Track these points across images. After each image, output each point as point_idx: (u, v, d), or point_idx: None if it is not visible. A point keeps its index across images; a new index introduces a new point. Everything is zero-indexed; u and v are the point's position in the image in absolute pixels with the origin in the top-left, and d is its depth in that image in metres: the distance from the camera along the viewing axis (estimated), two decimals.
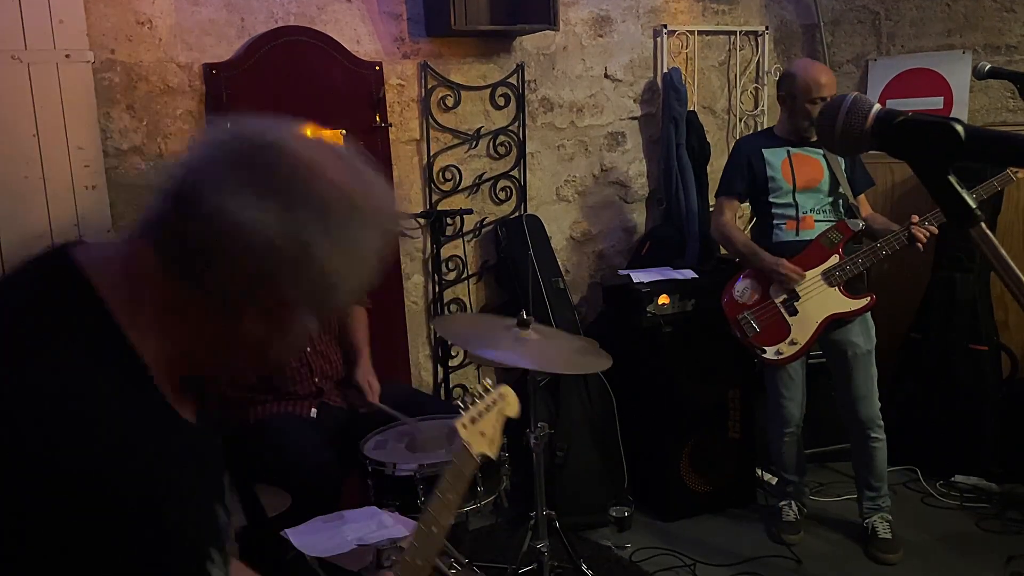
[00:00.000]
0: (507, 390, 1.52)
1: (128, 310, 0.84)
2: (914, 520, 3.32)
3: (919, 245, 2.90)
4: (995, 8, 3.72)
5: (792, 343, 3.06)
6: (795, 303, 3.05)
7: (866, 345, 3.08)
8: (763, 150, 3.14)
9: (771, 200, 3.12)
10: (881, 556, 3.08)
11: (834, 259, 3.03)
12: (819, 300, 3.04)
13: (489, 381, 1.54)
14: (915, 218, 2.89)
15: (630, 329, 3.44)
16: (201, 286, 0.85)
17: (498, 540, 3.14)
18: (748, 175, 3.16)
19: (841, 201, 3.11)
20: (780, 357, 3.09)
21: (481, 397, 1.48)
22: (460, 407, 1.44)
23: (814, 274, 3.03)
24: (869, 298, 3.04)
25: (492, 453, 1.44)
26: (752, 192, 3.18)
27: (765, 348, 3.10)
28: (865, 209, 3.18)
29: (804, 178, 3.08)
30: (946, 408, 3.58)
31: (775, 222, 3.12)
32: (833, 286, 3.03)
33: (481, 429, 1.42)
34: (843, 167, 3.10)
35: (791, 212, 3.09)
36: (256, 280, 0.85)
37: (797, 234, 3.08)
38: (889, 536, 3.12)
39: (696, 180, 3.94)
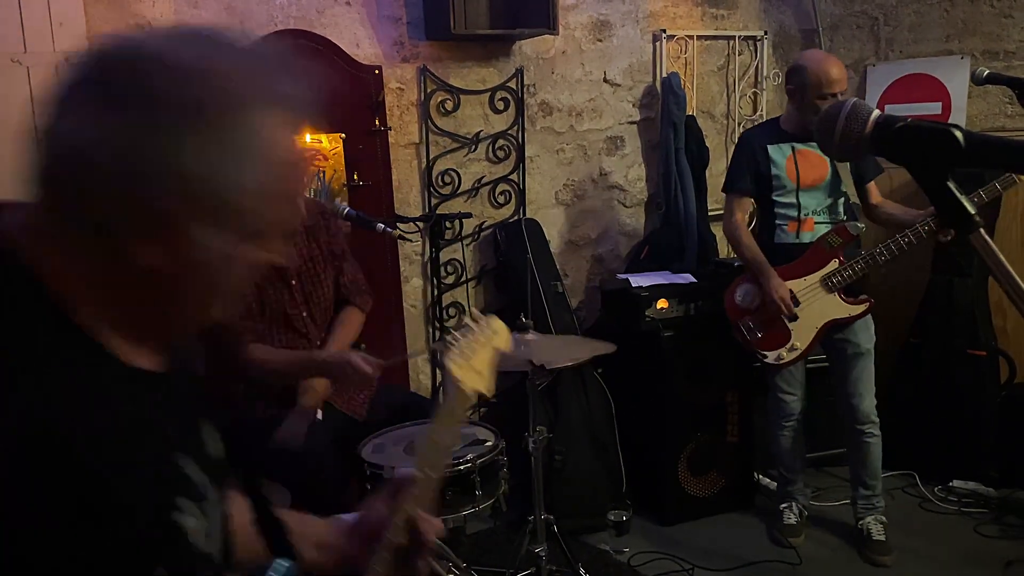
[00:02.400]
0: (498, 322, 1.39)
1: (48, 267, 0.80)
2: (912, 525, 3.32)
3: (943, 236, 2.79)
4: (993, 14, 3.73)
5: (792, 348, 3.09)
6: (795, 309, 3.06)
7: (866, 344, 3.10)
8: (768, 146, 3.09)
9: (775, 198, 3.09)
10: (875, 558, 3.09)
11: (833, 264, 3.03)
12: (818, 306, 3.04)
13: (477, 312, 1.41)
14: None
15: (629, 333, 3.44)
16: (80, 226, 0.78)
17: (496, 544, 3.14)
18: (753, 171, 3.12)
19: (842, 201, 3.09)
20: (781, 362, 3.12)
21: (471, 331, 1.35)
22: (450, 342, 1.32)
23: (813, 279, 3.04)
24: (867, 303, 3.05)
25: (486, 389, 1.33)
26: (756, 187, 3.14)
27: (767, 353, 3.13)
28: (875, 196, 3.14)
29: (808, 176, 3.05)
30: (944, 413, 3.58)
31: (777, 222, 3.10)
32: (832, 292, 3.03)
33: (475, 366, 1.30)
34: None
35: (793, 212, 3.07)
36: (118, 203, 0.77)
37: (798, 236, 3.08)
38: (883, 538, 3.13)
39: (695, 184, 3.94)
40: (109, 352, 0.83)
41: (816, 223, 3.07)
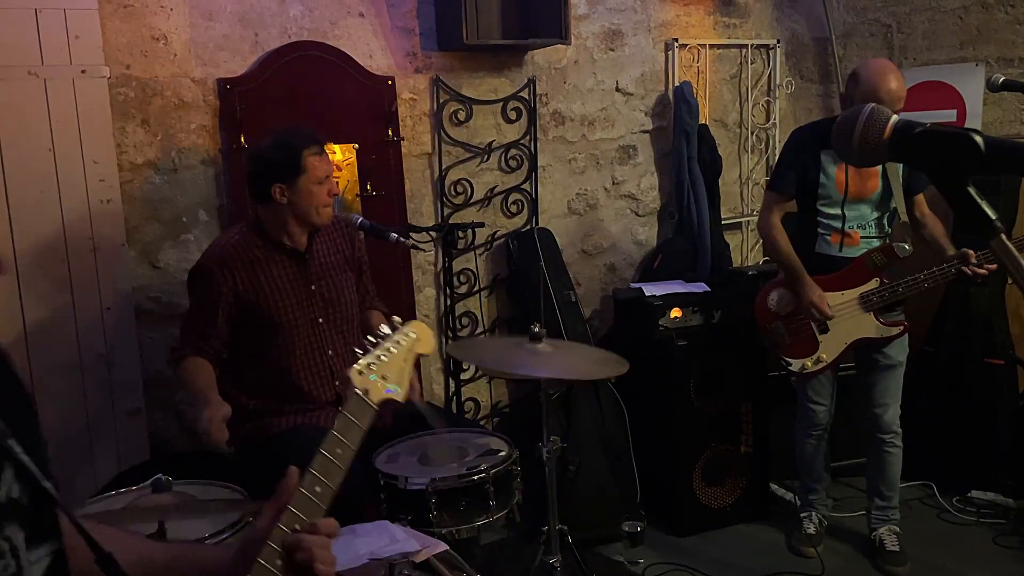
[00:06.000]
0: (418, 325, 1.38)
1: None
2: (930, 536, 3.29)
3: (977, 279, 2.84)
4: (1008, 20, 3.71)
5: (818, 360, 3.04)
6: (827, 321, 2.99)
7: (898, 357, 3.05)
8: (821, 152, 2.95)
9: (819, 207, 2.99)
10: (889, 569, 3.06)
11: (874, 283, 2.96)
12: (851, 322, 2.98)
13: (398, 319, 1.39)
14: (972, 256, 2.78)
15: (642, 342, 3.43)
16: None
17: (510, 555, 3.12)
18: (800, 175, 2.99)
19: (888, 215, 3.00)
20: (805, 371, 3.07)
21: (384, 338, 1.33)
22: (358, 353, 1.31)
23: (851, 295, 2.97)
24: (902, 327, 3.00)
25: (399, 396, 1.31)
26: (800, 192, 3.03)
27: (791, 361, 3.08)
28: (921, 208, 3.04)
29: (857, 188, 2.94)
30: (961, 423, 3.55)
31: (820, 231, 3.01)
32: (868, 311, 2.97)
33: (383, 373, 1.29)
34: (900, 172, 2.95)
35: (837, 224, 2.98)
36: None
37: (840, 250, 2.99)
38: (897, 548, 3.09)
39: (708, 193, 3.93)
40: None
41: (863, 237, 2.98)
